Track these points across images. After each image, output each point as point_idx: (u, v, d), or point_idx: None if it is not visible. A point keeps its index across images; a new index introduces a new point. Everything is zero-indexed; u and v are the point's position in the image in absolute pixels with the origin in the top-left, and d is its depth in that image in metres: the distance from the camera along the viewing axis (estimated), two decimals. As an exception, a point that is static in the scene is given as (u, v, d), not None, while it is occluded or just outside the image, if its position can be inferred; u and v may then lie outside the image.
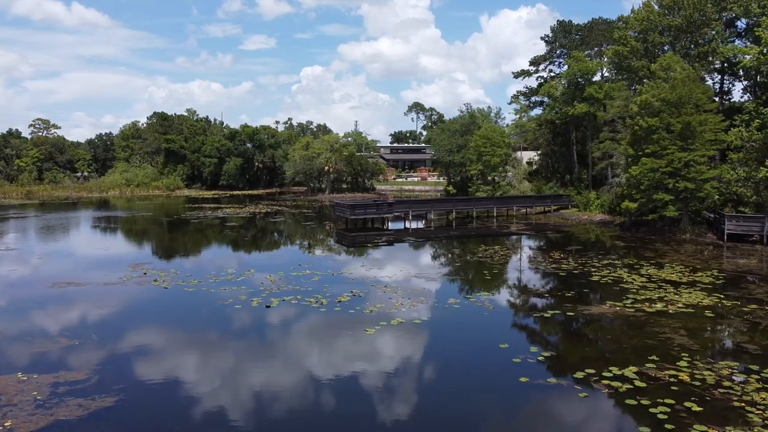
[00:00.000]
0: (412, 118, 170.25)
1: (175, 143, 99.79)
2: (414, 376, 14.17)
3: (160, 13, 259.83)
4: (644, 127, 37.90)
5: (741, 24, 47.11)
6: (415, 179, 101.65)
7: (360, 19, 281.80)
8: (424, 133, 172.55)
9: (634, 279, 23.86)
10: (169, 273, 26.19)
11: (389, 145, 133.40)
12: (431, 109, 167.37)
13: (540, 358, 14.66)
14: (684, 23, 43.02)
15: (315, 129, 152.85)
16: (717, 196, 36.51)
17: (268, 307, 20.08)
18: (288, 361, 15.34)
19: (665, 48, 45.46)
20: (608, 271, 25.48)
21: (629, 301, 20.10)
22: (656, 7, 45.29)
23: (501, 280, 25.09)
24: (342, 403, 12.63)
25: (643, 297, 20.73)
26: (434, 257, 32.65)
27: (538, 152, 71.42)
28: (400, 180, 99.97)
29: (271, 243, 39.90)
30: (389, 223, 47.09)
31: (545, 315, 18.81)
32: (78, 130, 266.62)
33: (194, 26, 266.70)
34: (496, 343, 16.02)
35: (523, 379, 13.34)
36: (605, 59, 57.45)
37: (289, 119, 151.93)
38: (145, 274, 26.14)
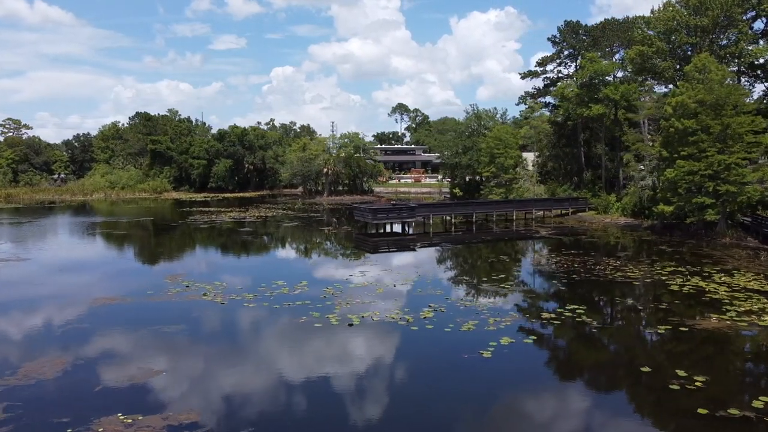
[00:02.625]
0: (396, 119, 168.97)
1: (161, 144, 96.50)
2: (581, 413, 12.60)
3: (126, 11, 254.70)
4: (680, 129, 37.14)
5: (760, 24, 46.95)
6: (409, 181, 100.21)
7: (330, 20, 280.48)
8: (408, 134, 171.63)
9: (714, 288, 22.76)
10: (215, 286, 24.15)
11: (377, 146, 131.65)
12: (416, 110, 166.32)
13: (698, 384, 13.27)
14: (710, 24, 42.50)
15: (298, 130, 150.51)
16: (757, 198, 35.91)
17: (350, 325, 18.34)
18: (424, 396, 13.65)
19: (688, 49, 44.92)
20: (681, 280, 24.35)
21: (733, 314, 18.94)
22: (678, 7, 44.72)
23: (578, 289, 23.71)
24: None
25: (742, 309, 19.60)
26: (486, 265, 30.86)
27: (536, 154, 70.59)
28: (393, 182, 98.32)
29: (302, 251, 37.83)
30: (409, 228, 45.49)
31: (659, 330, 17.48)
32: (42, 131, 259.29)
33: (161, 25, 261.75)
34: (634, 365, 14.64)
35: (701, 411, 11.94)
36: (618, 59, 57.06)
37: (272, 120, 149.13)
38: (187, 287, 24.08)
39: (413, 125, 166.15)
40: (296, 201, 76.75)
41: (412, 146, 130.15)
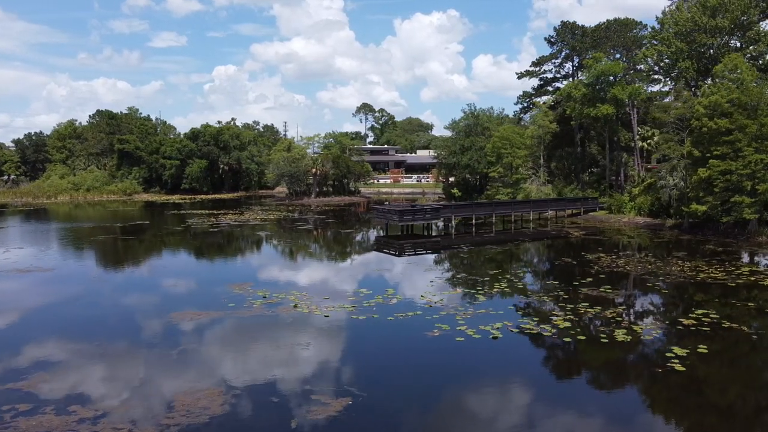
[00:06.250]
0: (360, 119, 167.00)
1: (130, 144, 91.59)
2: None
3: (59, 6, 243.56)
4: (713, 129, 37.34)
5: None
6: (388, 181, 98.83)
7: (273, 20, 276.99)
8: (371, 134, 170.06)
9: (813, 288, 22.54)
10: (295, 295, 22.15)
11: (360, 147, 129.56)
12: (381, 110, 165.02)
13: None
14: (729, 26, 43.14)
15: (262, 130, 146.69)
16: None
17: (494, 338, 16.87)
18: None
19: (703, 50, 45.48)
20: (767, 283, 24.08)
21: None
22: (696, 9, 45.22)
23: (680, 292, 22.99)
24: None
25: None
26: (558, 268, 29.59)
27: (526, 153, 70.50)
28: (371, 182, 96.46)
29: (347, 255, 36.17)
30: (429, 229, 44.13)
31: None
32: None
33: (97, 21, 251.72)
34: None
35: None
36: (616, 59, 57.56)
37: (233, 119, 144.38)
38: (264, 297, 21.98)
39: (377, 125, 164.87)
40: (282, 202, 73.91)
41: (385, 146, 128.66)
